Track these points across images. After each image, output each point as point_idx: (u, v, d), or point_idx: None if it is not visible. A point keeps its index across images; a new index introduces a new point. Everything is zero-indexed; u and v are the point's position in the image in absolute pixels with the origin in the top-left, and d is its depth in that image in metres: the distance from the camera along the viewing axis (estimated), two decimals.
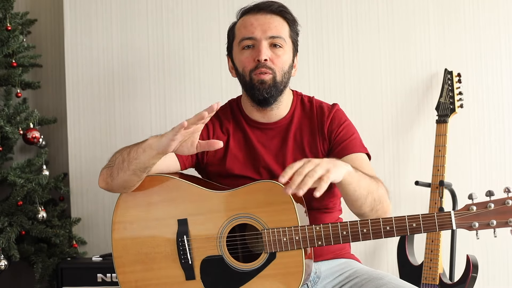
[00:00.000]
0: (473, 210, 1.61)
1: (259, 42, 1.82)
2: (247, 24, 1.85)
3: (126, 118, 2.66)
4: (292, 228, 1.68)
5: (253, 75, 1.83)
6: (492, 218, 1.60)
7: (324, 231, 1.67)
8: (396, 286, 1.69)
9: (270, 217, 1.70)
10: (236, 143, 1.91)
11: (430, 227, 1.61)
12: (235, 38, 1.90)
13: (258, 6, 1.87)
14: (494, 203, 1.60)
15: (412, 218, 1.61)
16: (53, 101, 2.87)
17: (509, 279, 2.57)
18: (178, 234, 1.76)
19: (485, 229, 1.61)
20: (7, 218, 2.45)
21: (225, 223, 1.74)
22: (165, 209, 1.79)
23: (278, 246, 1.69)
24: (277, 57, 1.83)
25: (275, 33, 1.83)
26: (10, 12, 2.58)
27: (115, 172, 1.77)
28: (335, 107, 1.96)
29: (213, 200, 1.76)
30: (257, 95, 1.84)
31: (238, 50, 1.87)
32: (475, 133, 2.57)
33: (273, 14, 1.86)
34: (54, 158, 2.85)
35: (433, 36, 2.59)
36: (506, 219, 1.59)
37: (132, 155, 1.72)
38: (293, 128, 1.91)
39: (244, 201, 1.73)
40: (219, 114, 1.96)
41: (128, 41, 2.67)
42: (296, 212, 1.68)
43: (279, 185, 1.69)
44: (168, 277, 1.77)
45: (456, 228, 1.61)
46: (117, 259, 1.81)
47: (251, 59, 1.84)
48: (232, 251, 1.75)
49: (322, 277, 1.85)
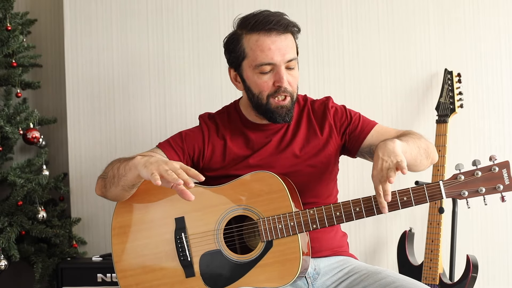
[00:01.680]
0: (461, 178, 1.64)
1: (279, 67, 1.81)
2: (264, 48, 1.79)
3: (126, 118, 2.67)
4: (286, 215, 1.71)
5: (271, 99, 1.83)
6: (480, 185, 1.64)
7: (318, 213, 1.71)
8: (394, 279, 1.71)
9: (264, 206, 1.74)
10: (233, 146, 1.92)
11: (420, 199, 1.66)
12: (246, 58, 1.83)
13: (270, 25, 1.79)
14: (481, 171, 1.64)
15: (403, 192, 1.67)
16: (53, 101, 2.87)
17: (509, 279, 2.57)
18: (176, 233, 1.78)
19: (474, 196, 1.65)
20: (7, 218, 2.45)
21: (221, 217, 1.76)
22: (162, 209, 1.80)
23: (274, 234, 1.72)
24: (293, 79, 1.85)
25: (292, 56, 1.82)
26: (10, 12, 2.58)
27: (108, 185, 1.80)
28: (330, 99, 1.99)
29: (208, 195, 1.79)
30: (278, 120, 1.85)
31: (254, 72, 1.83)
32: (475, 133, 2.58)
33: (285, 33, 1.82)
34: (54, 158, 2.85)
35: (433, 36, 2.59)
36: (494, 185, 1.63)
37: (121, 171, 1.74)
38: (291, 126, 1.93)
39: (238, 193, 1.76)
40: (216, 119, 1.97)
41: (128, 41, 2.67)
42: (289, 199, 1.72)
43: (270, 173, 1.74)
44: (168, 277, 1.77)
45: (446, 198, 1.65)
46: (118, 263, 1.82)
47: (270, 84, 1.83)
48: (230, 244, 1.77)
49: (322, 274, 1.86)
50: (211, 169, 1.92)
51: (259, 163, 1.88)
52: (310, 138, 1.91)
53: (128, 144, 2.65)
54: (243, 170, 1.87)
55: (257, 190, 1.75)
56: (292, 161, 1.89)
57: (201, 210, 1.78)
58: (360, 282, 1.78)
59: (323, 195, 1.92)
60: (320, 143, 1.91)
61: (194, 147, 1.92)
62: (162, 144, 1.93)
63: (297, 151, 1.90)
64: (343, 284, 1.82)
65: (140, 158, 1.69)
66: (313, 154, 1.90)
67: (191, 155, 1.92)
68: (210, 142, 1.93)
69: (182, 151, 1.91)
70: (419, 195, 1.66)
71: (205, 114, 2.01)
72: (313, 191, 1.89)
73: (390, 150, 1.65)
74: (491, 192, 1.64)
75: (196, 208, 1.78)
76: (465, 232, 2.54)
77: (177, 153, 1.90)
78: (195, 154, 1.92)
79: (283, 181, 1.73)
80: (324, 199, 1.91)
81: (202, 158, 1.92)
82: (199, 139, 1.92)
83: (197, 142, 1.92)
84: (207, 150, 1.92)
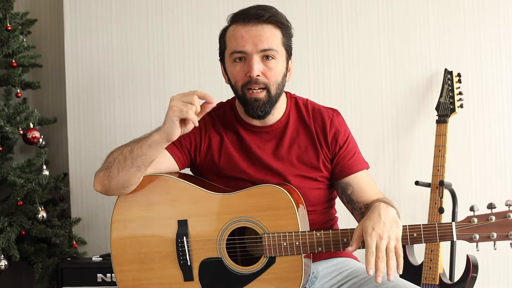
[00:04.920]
0: (474, 222, 1.61)
1: (250, 56, 1.76)
2: (237, 36, 1.77)
3: (126, 118, 2.66)
4: (292, 233, 1.68)
5: (245, 90, 1.79)
6: (492, 230, 1.61)
7: (325, 237, 1.67)
8: (395, 285, 1.69)
9: (271, 222, 1.70)
10: (228, 145, 1.89)
11: (431, 238, 1.62)
12: (226, 48, 1.85)
13: (249, 15, 1.78)
14: (495, 216, 1.60)
15: (413, 228, 1.63)
16: (53, 101, 2.87)
17: (509, 279, 2.57)
18: (177, 235, 1.76)
19: (485, 241, 1.62)
20: (7, 218, 2.45)
21: (225, 226, 1.73)
22: (165, 210, 1.78)
23: (278, 251, 1.69)
24: (269, 70, 1.78)
25: (267, 46, 1.76)
26: (10, 12, 2.58)
27: (114, 172, 1.76)
28: (336, 114, 1.91)
29: (214, 202, 1.75)
30: (252, 113, 1.81)
31: (230, 62, 1.82)
32: (475, 133, 2.57)
33: (264, 23, 1.77)
34: (54, 158, 2.85)
35: (433, 36, 2.58)
36: (507, 232, 1.60)
37: (136, 152, 1.72)
38: (288, 132, 1.88)
39: (245, 205, 1.72)
40: (213, 115, 1.93)
41: (128, 41, 2.67)
42: (297, 218, 1.68)
43: (281, 189, 1.70)
44: (166, 277, 1.76)
45: (457, 239, 1.62)
46: (115, 257, 1.80)
47: (242, 73, 1.79)
48: (231, 254, 1.74)
49: (320, 277, 1.84)
50: (206, 164, 1.89)
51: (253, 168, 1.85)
52: (307, 147, 1.86)
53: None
54: (237, 172, 1.84)
55: (265, 204, 1.71)
56: (288, 169, 1.84)
57: (205, 216, 1.75)
58: (360, 287, 1.75)
59: (320, 203, 1.88)
60: (316, 153, 1.86)
61: (191, 141, 1.88)
62: None
63: (292, 158, 1.85)
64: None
65: (155, 133, 1.71)
66: (308, 163, 1.85)
67: (188, 148, 1.89)
68: (207, 136, 1.89)
69: (180, 145, 1.87)
70: (429, 234, 1.62)
71: None
72: (310, 200, 1.84)
73: (395, 218, 1.61)
74: (502, 239, 1.60)
75: (201, 213, 1.75)
76: None
77: (176, 146, 1.86)
78: (191, 148, 1.89)
79: (292, 198, 1.69)
80: (322, 207, 1.89)
81: (199, 152, 1.89)
82: (196, 133, 1.88)
83: (194, 136, 1.88)
84: (204, 144, 1.89)
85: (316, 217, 1.86)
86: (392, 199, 1.83)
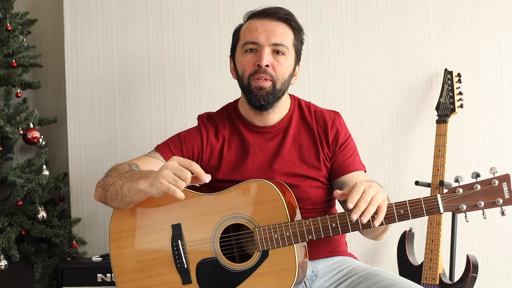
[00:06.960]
0: (459, 192, 1.62)
1: (262, 47, 1.83)
2: (252, 28, 1.85)
3: (126, 118, 2.66)
4: (282, 224, 1.69)
5: (251, 79, 1.83)
6: (479, 199, 1.60)
7: (314, 224, 1.68)
8: (393, 282, 1.70)
9: (260, 215, 1.71)
10: (231, 148, 1.91)
11: (418, 213, 1.62)
12: (239, 41, 1.90)
13: (265, 12, 1.87)
14: (480, 184, 1.60)
15: (400, 205, 1.63)
16: (53, 101, 2.87)
17: (509, 279, 2.57)
18: (172, 239, 1.77)
19: (473, 210, 1.61)
20: (7, 218, 2.45)
21: (217, 225, 1.74)
22: (159, 216, 1.79)
23: (270, 244, 1.70)
24: (278, 64, 1.84)
25: (279, 40, 1.83)
26: (10, 12, 2.59)
27: (108, 199, 1.78)
28: (338, 116, 1.95)
29: (204, 203, 1.76)
30: (254, 101, 1.84)
31: (241, 52, 1.87)
32: (475, 133, 2.58)
33: (279, 21, 1.86)
34: (54, 158, 2.85)
35: (433, 36, 2.59)
36: (494, 199, 1.60)
37: (125, 192, 1.72)
38: (291, 132, 1.91)
39: (234, 201, 1.74)
40: (215, 119, 1.96)
41: (128, 41, 2.67)
42: (285, 209, 1.69)
43: (267, 182, 1.71)
44: (165, 283, 1.77)
45: (444, 211, 1.62)
46: (116, 268, 1.81)
47: (252, 63, 1.84)
48: (226, 252, 1.75)
49: (320, 275, 1.85)
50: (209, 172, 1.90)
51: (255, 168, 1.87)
52: (309, 146, 1.90)
53: (128, 144, 2.65)
54: (239, 174, 1.86)
55: (253, 199, 1.72)
56: (289, 168, 1.87)
57: (198, 218, 1.76)
58: (359, 284, 1.76)
59: (321, 202, 1.89)
60: (317, 152, 1.89)
61: (193, 150, 1.92)
62: (161, 148, 1.93)
63: (294, 158, 1.88)
64: (341, 285, 1.81)
65: (143, 182, 1.65)
66: (309, 163, 1.88)
67: (190, 158, 1.91)
68: (209, 144, 1.92)
69: (181, 155, 1.90)
70: (416, 209, 1.62)
71: (204, 114, 2.00)
72: (310, 199, 1.86)
73: (385, 192, 1.62)
74: (490, 206, 1.60)
75: (193, 215, 1.76)
76: (465, 232, 2.54)
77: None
78: (194, 157, 1.92)
79: (279, 190, 1.70)
80: (322, 206, 1.90)
81: (200, 160, 1.92)
82: (198, 141, 1.92)
83: (196, 144, 1.92)
84: (206, 152, 1.92)
85: (317, 215, 1.86)
86: (392, 199, 1.83)
